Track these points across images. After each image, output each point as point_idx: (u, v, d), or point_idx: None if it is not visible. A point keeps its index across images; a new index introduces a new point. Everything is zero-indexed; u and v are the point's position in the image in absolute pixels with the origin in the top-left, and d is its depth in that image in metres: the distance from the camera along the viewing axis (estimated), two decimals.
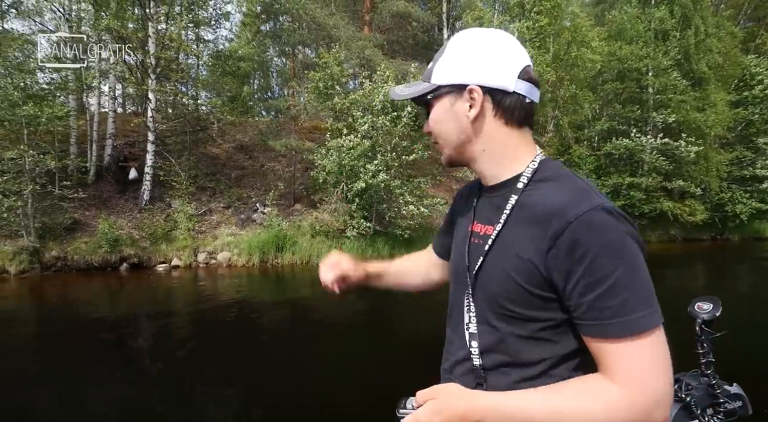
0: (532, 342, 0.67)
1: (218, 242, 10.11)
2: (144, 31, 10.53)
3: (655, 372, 0.58)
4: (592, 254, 0.58)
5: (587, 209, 0.60)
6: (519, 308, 0.66)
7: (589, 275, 0.59)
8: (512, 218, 0.69)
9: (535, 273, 0.63)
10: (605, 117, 17.03)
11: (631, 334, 0.58)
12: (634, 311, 0.58)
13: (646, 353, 0.58)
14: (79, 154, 10.80)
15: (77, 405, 3.24)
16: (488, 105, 0.71)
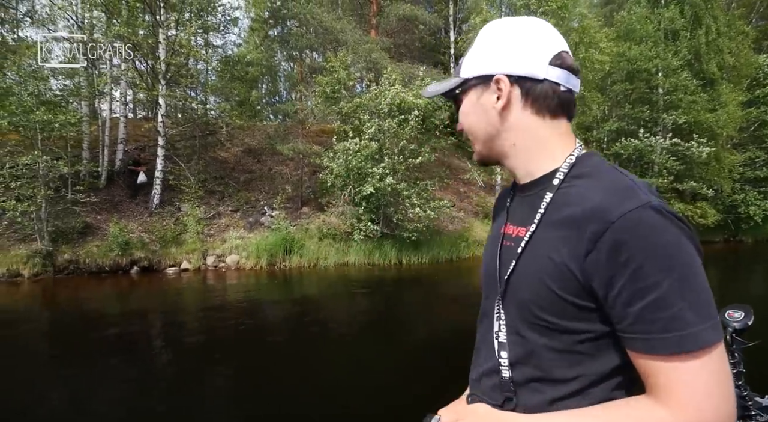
0: (566, 356, 0.60)
1: (227, 245, 10.20)
2: (154, 38, 10.70)
3: (715, 397, 0.50)
4: (639, 258, 0.52)
5: (633, 208, 0.53)
6: (552, 317, 0.59)
7: (636, 281, 0.52)
8: (546, 218, 0.63)
9: (570, 279, 0.57)
10: (614, 118, 16.88)
11: (685, 352, 0.51)
12: (690, 325, 0.51)
13: (704, 374, 0.51)
14: (91, 159, 10.99)
15: (87, 405, 3.29)
16: (517, 95, 0.66)
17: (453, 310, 6.84)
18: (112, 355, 4.52)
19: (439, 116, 10.82)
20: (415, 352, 4.62)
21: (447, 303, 7.36)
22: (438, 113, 10.84)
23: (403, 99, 9.85)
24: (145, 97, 14.03)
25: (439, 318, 6.34)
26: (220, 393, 3.55)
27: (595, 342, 0.58)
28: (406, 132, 10.00)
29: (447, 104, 11.86)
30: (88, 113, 11.29)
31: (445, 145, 11.87)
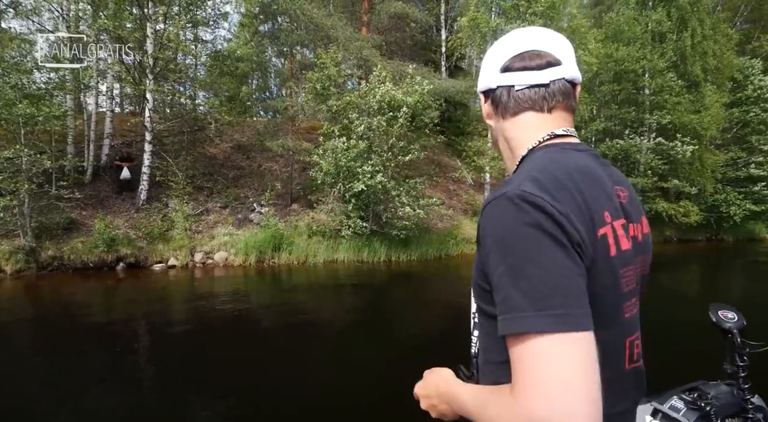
0: (499, 341, 0.60)
1: (215, 241, 10.15)
2: (142, 32, 10.55)
3: (545, 388, 0.48)
4: (488, 246, 0.57)
5: (491, 199, 0.59)
6: (482, 303, 0.66)
7: (488, 269, 0.58)
8: None
9: (478, 267, 0.63)
10: (602, 118, 17.12)
11: (510, 334, 0.52)
12: (515, 310, 0.52)
13: (530, 360, 0.50)
14: (77, 153, 10.82)
15: (71, 401, 3.28)
16: (488, 107, 0.77)
17: (441, 307, 6.91)
18: (97, 351, 4.49)
19: (428, 114, 10.86)
20: (403, 348, 4.68)
21: (435, 300, 7.44)
22: (428, 111, 10.88)
23: (393, 97, 9.87)
24: (133, 91, 13.81)
25: (427, 315, 6.41)
26: (208, 389, 3.56)
27: None
28: (396, 130, 10.03)
29: (437, 102, 11.93)
30: (73, 107, 11.09)
31: (434, 143, 11.93)
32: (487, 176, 13.50)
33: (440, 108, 13.86)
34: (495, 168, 12.95)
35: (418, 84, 10.37)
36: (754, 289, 8.90)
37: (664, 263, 11.99)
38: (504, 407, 0.53)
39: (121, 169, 10.62)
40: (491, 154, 12.75)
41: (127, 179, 10.63)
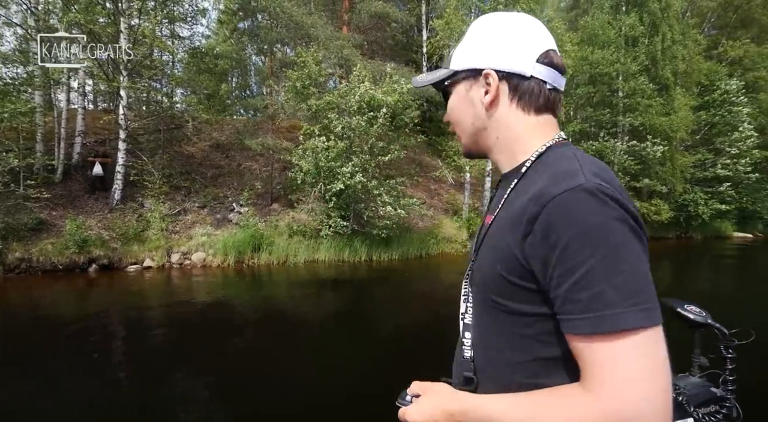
0: (518, 340, 0.61)
1: (193, 242, 9.96)
2: (115, 27, 10.26)
3: (637, 381, 0.49)
4: (564, 240, 0.53)
5: (565, 190, 0.54)
6: (503, 300, 0.61)
7: (564, 262, 0.53)
8: (506, 204, 0.66)
9: (514, 261, 0.59)
10: (578, 119, 17.56)
11: (602, 333, 0.50)
12: (610, 306, 0.50)
13: (623, 357, 0.50)
14: (47, 152, 10.44)
15: (40, 408, 3.18)
16: (504, 90, 0.68)
17: (422, 306, 6.98)
18: (66, 356, 4.36)
19: (409, 113, 10.92)
20: (385, 347, 4.70)
21: (416, 299, 7.50)
22: (408, 111, 10.94)
23: (373, 96, 9.88)
24: (106, 88, 13.42)
25: (408, 314, 6.46)
26: (186, 393, 3.51)
27: (543, 326, 0.59)
28: (375, 130, 10.06)
29: (417, 102, 12.00)
30: (42, 104, 10.71)
31: (415, 143, 12.01)
32: (467, 176, 13.67)
33: (421, 108, 13.95)
34: (475, 168, 13.12)
35: (397, 83, 10.42)
36: (720, 284, 9.32)
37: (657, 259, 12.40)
38: (579, 409, 0.51)
39: (93, 164, 10.26)
40: None
41: (99, 175, 10.26)
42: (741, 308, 6.49)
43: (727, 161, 19.20)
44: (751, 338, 1.32)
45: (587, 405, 0.51)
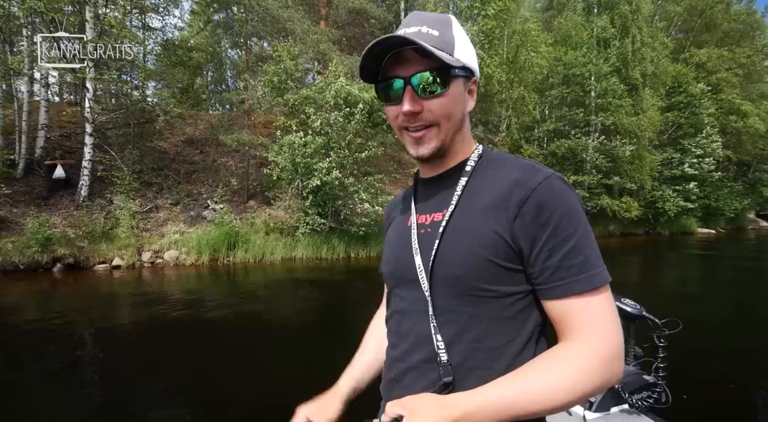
0: (498, 323, 0.64)
1: (165, 240, 9.68)
2: (80, 16, 9.82)
3: (615, 324, 0.60)
4: (557, 217, 0.60)
5: (545, 177, 0.63)
6: (488, 284, 0.63)
7: (556, 236, 0.60)
8: (465, 199, 0.68)
9: (501, 245, 0.62)
10: (552, 119, 17.97)
11: (594, 288, 0.60)
12: (594, 267, 0.61)
13: (606, 306, 0.61)
14: (6, 145, 9.93)
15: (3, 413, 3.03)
16: (469, 88, 0.72)
17: None
18: (30, 361, 4.16)
19: None
20: None
21: None
22: None
23: (349, 92, 9.82)
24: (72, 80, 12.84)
25: None
26: (156, 395, 3.40)
27: (520, 304, 0.64)
28: (353, 126, 10.00)
29: None
30: (1, 94, 10.16)
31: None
32: None
33: None
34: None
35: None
36: (684, 278, 9.73)
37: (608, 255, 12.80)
38: (579, 359, 0.58)
39: (54, 167, 9.70)
40: None
41: (61, 178, 9.71)
42: (693, 302, 6.80)
43: (693, 161, 20.05)
44: (679, 328, 1.44)
45: (585, 353, 0.58)
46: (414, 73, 0.64)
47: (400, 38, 0.62)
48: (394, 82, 0.66)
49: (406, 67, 0.65)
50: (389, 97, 0.68)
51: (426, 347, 0.67)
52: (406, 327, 0.72)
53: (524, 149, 17.19)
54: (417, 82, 0.64)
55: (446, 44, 0.66)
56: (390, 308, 0.79)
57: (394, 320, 0.76)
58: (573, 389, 0.57)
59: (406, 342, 0.71)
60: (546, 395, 0.57)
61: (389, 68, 0.67)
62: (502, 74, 12.58)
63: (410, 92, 0.65)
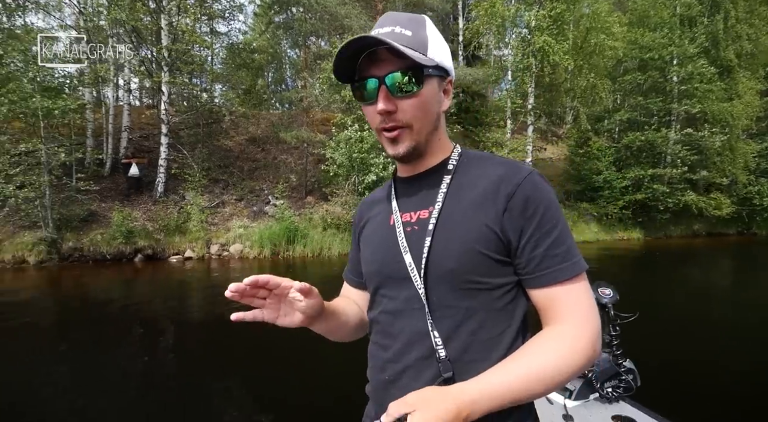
0: (492, 314, 0.67)
1: (230, 234, 10.17)
2: (157, 24, 10.56)
3: (594, 308, 0.65)
4: (541, 210, 0.64)
5: (528, 173, 0.67)
6: (481, 277, 0.66)
7: (541, 228, 0.64)
8: (451, 196, 0.69)
9: (492, 238, 0.65)
10: (626, 108, 16.46)
11: (576, 275, 0.64)
12: (575, 255, 0.65)
13: (586, 291, 0.65)
14: (96, 146, 10.96)
15: (88, 388, 3.27)
16: (445, 87, 0.73)
17: None
18: (114, 341, 4.48)
19: None
20: None
21: None
22: None
23: None
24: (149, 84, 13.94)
25: None
26: (218, 380, 3.49)
27: (509, 295, 0.67)
28: None
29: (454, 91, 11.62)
30: (91, 100, 11.24)
31: (451, 134, 11.63)
32: None
33: (457, 98, 13.53)
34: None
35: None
36: None
37: (693, 256, 11.50)
38: (567, 341, 0.62)
39: (130, 165, 10.41)
40: (510, 145, 12.40)
41: (135, 175, 10.41)
42: None
43: None
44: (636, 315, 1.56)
45: (572, 334, 0.62)
46: (387, 73, 0.65)
47: (372, 39, 0.62)
48: (369, 81, 0.67)
49: (381, 67, 0.65)
50: (365, 97, 0.68)
51: (423, 344, 0.68)
52: (399, 326, 0.72)
53: (593, 141, 15.94)
54: (391, 82, 0.65)
55: (419, 44, 0.66)
56: (375, 309, 0.78)
57: (383, 321, 0.75)
58: (565, 368, 0.60)
59: (400, 341, 0.71)
60: (543, 375, 0.60)
61: (364, 68, 0.67)
62: (570, 61, 11.67)
63: (384, 91, 0.65)
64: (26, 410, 2.92)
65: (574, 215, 14.53)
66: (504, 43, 15.12)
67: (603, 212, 14.98)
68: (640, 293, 6.45)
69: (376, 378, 0.76)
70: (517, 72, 12.91)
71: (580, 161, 15.73)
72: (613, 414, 1.51)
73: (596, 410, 1.53)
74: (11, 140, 8.34)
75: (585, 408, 1.53)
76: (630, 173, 15.26)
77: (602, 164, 15.27)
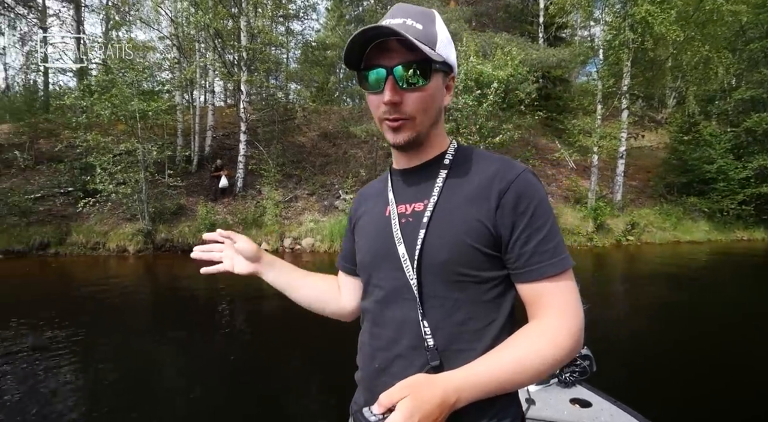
0: (480, 307, 0.68)
1: (302, 228, 10.37)
2: (237, 27, 11.06)
3: (579, 302, 0.67)
4: (533, 207, 0.66)
5: (521, 170, 0.69)
6: (472, 270, 0.67)
7: (531, 225, 0.66)
8: (447, 190, 0.71)
9: (484, 232, 0.67)
10: (746, 85, 13.86)
11: (564, 270, 0.66)
12: (563, 252, 0.67)
13: (572, 286, 0.67)
14: (185, 145, 11.85)
15: (175, 370, 3.60)
16: (447, 84, 0.74)
17: None
18: (199, 324, 4.88)
19: (524, 88, 9.65)
20: None
21: None
22: (523, 86, 9.68)
23: (481, 72, 8.91)
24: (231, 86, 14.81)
25: None
26: (292, 368, 3.60)
27: (498, 289, 0.69)
28: (484, 108, 9.07)
29: (535, 75, 10.62)
30: (181, 102, 12.15)
31: (532, 121, 10.66)
32: (594, 158, 11.75)
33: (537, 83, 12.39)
34: (605, 148, 11.21)
35: (509, 55, 9.24)
36: None
37: None
38: (554, 333, 0.64)
39: (219, 178, 10.79)
40: (600, 132, 11.04)
41: (225, 187, 10.82)
42: None
43: None
44: (589, 305, 1.31)
45: (557, 328, 0.64)
46: (397, 64, 0.66)
47: (388, 29, 0.63)
48: (377, 70, 0.67)
49: (390, 58, 0.66)
50: (371, 86, 0.69)
51: (412, 333, 0.70)
52: (389, 315, 0.74)
53: (702, 126, 13.69)
54: (399, 74, 0.66)
55: (429, 38, 0.67)
56: (368, 298, 0.80)
57: (374, 310, 0.77)
58: (550, 358, 0.62)
59: (390, 329, 0.73)
60: (527, 366, 0.62)
61: (373, 57, 0.67)
62: (678, 32, 9.96)
63: (392, 82, 0.66)
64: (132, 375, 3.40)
65: (679, 211, 12.60)
66: (593, 20, 13.56)
67: (716, 208, 12.79)
68: None
69: (366, 366, 0.77)
70: (611, 50, 11.41)
71: (686, 149, 13.60)
72: (571, 397, 1.63)
73: (555, 393, 1.66)
74: (114, 140, 9.24)
75: (545, 392, 1.62)
76: (753, 163, 12.82)
77: (716, 152, 13.02)
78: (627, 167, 12.47)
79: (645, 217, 11.91)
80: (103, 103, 8.69)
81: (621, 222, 11.47)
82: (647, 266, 9.09)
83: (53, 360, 3.53)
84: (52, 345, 3.88)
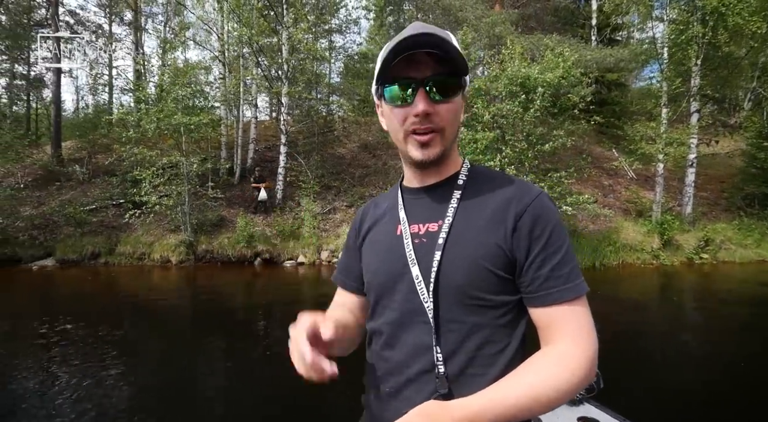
0: (494, 331, 0.67)
1: (340, 240, 10.09)
2: (278, 41, 11.18)
3: (592, 329, 0.65)
4: (548, 231, 0.66)
5: (538, 194, 0.69)
6: (487, 294, 0.67)
7: (546, 249, 0.65)
8: (461, 211, 0.70)
9: (501, 255, 0.66)
10: None
11: (579, 296, 0.65)
12: (578, 277, 0.66)
13: (587, 312, 0.66)
14: (228, 158, 12.06)
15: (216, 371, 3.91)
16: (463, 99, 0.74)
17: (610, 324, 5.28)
18: (235, 333, 5.05)
19: (578, 91, 8.85)
20: None
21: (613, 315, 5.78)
22: (576, 89, 8.90)
23: (527, 76, 8.26)
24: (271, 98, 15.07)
25: None
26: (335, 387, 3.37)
27: (512, 315, 0.68)
28: (531, 114, 8.38)
29: (589, 78, 9.79)
30: (227, 117, 12.45)
31: (586, 127, 9.79)
32: (659, 167, 10.58)
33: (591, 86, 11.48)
34: (672, 156, 10.07)
35: (560, 56, 8.52)
36: None
37: None
38: (571, 360, 0.62)
39: (259, 190, 10.76)
40: (666, 137, 9.94)
41: (264, 200, 10.78)
42: None
43: None
44: None
45: (571, 355, 0.62)
46: (429, 76, 0.66)
47: (436, 38, 0.63)
48: (406, 83, 0.67)
49: (418, 70, 0.66)
50: (398, 98, 0.68)
51: (425, 357, 0.68)
52: (402, 338, 0.72)
53: None
54: (432, 86, 0.66)
55: (457, 56, 0.67)
56: (377, 319, 0.77)
57: (385, 331, 0.75)
58: (564, 387, 0.60)
59: (402, 353, 0.71)
60: (541, 394, 0.60)
61: (400, 69, 0.66)
62: (761, 24, 8.74)
63: (423, 94, 0.66)
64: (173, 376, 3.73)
65: (763, 226, 11.05)
66: (652, 17, 12.45)
67: None
68: None
69: (374, 390, 0.76)
70: (676, 47, 10.32)
71: (766, 157, 12.00)
72: (579, 415, 1.58)
73: (562, 412, 1.59)
74: (158, 154, 9.51)
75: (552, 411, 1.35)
76: None
77: None
78: (697, 177, 11.15)
79: (721, 232, 10.52)
80: (150, 117, 8.97)
81: (692, 238, 10.20)
82: (727, 286, 7.94)
83: (105, 363, 3.84)
84: (103, 350, 4.18)
